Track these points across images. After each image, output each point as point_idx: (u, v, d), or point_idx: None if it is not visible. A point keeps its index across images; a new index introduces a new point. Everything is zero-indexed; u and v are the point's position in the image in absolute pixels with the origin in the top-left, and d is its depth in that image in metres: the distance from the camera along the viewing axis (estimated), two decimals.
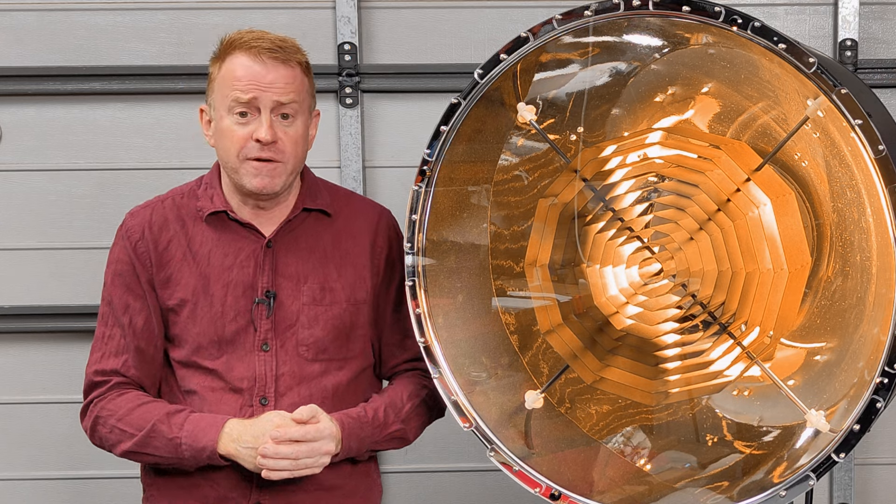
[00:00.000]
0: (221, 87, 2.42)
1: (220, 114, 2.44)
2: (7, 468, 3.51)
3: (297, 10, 3.38)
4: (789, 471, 2.29)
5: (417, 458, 3.51)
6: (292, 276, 2.51)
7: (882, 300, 2.23)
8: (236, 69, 2.40)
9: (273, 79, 2.41)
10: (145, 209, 2.55)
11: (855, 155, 2.21)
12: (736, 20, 2.19)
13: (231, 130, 2.42)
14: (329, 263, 2.54)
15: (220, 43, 2.47)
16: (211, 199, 2.51)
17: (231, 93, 2.40)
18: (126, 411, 2.44)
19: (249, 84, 2.39)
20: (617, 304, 2.56)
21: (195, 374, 2.49)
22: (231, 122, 2.42)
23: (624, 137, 2.57)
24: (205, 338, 2.48)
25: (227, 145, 2.43)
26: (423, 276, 2.51)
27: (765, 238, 2.42)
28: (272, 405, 2.47)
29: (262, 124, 2.40)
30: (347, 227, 2.57)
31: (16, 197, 3.43)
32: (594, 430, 2.61)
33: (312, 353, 2.51)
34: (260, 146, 2.41)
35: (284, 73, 2.42)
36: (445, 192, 2.53)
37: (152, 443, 2.41)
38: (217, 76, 2.44)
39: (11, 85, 3.38)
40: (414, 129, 3.38)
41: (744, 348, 2.45)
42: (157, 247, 2.50)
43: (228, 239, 2.50)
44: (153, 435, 2.41)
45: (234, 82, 2.40)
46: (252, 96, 2.40)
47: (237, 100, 2.40)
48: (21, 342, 3.47)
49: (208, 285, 2.48)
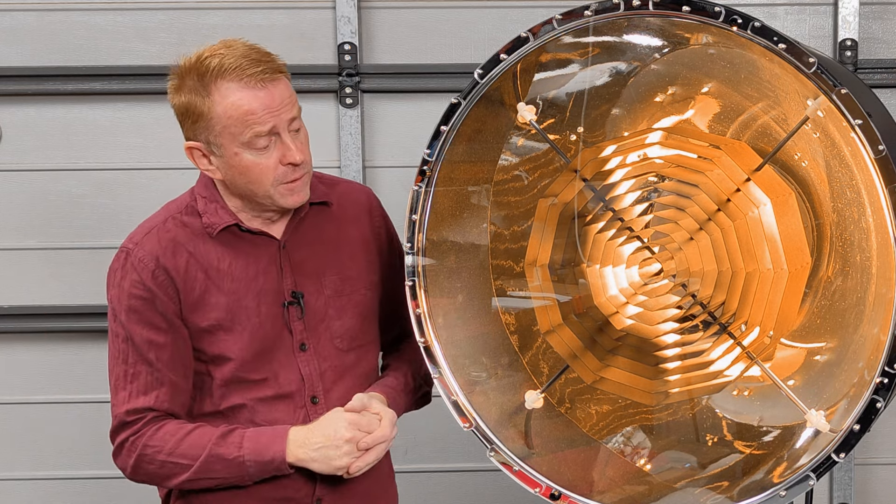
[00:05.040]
0: (229, 125, 2.29)
1: (231, 151, 2.31)
2: (7, 468, 3.51)
3: (297, 10, 3.38)
4: (789, 471, 2.29)
5: (417, 458, 3.51)
6: (312, 273, 2.49)
7: (882, 300, 2.23)
8: (242, 103, 2.27)
9: (279, 99, 2.31)
10: (149, 236, 2.41)
11: (855, 155, 2.21)
12: (736, 20, 2.19)
13: (256, 165, 2.32)
14: (341, 252, 2.53)
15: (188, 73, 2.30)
16: (216, 213, 2.42)
17: (248, 130, 2.28)
18: (174, 444, 2.38)
19: (265, 115, 2.28)
20: (617, 304, 2.56)
21: (241, 389, 2.45)
22: (252, 156, 2.31)
23: (624, 137, 2.57)
24: (248, 351, 2.43)
25: (253, 179, 2.34)
26: (423, 276, 2.51)
27: (765, 238, 2.42)
28: (322, 402, 2.47)
29: (289, 147, 2.32)
30: (344, 213, 2.56)
31: (16, 197, 3.43)
32: (594, 430, 2.61)
33: (346, 343, 2.51)
34: (293, 168, 2.34)
35: (282, 87, 2.33)
36: (445, 192, 2.53)
37: (212, 468, 2.37)
38: (213, 113, 2.29)
39: (11, 85, 3.38)
40: (414, 129, 3.38)
41: (744, 348, 2.45)
42: (178, 272, 2.39)
43: (244, 250, 2.44)
44: (211, 460, 2.36)
45: (247, 117, 2.27)
46: (272, 126, 2.29)
47: (258, 134, 2.28)
48: (21, 342, 3.47)
49: (240, 299, 2.43)
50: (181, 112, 2.34)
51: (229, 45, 2.32)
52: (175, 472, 2.38)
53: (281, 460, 2.36)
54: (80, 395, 3.48)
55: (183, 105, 2.32)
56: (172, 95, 2.35)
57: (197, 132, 2.33)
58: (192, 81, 2.30)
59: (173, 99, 2.35)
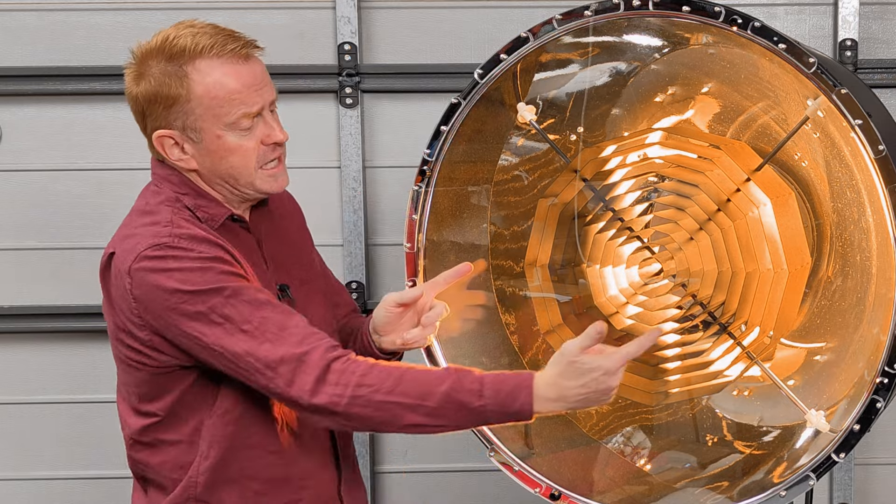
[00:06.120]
0: (212, 106, 2.15)
1: (212, 134, 2.17)
2: (7, 468, 3.51)
3: (297, 10, 3.38)
4: (789, 471, 2.30)
5: (417, 458, 3.51)
6: (283, 264, 2.37)
7: (882, 300, 2.23)
8: (227, 81, 2.14)
9: (259, 75, 2.19)
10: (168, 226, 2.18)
11: (855, 155, 2.21)
12: (736, 20, 2.20)
13: (240, 147, 2.19)
14: (294, 244, 2.41)
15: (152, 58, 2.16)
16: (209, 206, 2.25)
17: (234, 109, 2.15)
18: (392, 383, 2.11)
19: (251, 93, 2.16)
20: (617, 304, 2.56)
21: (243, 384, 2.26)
22: (236, 138, 2.18)
23: (624, 137, 2.58)
24: None
25: (237, 162, 2.20)
26: (423, 276, 2.52)
27: (765, 238, 2.42)
28: None
29: (272, 127, 2.21)
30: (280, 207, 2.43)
31: (16, 197, 3.43)
32: (594, 430, 2.61)
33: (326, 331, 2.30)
34: (273, 148, 2.23)
35: (260, 63, 2.21)
36: (445, 192, 2.53)
37: (446, 413, 2.13)
38: (191, 95, 2.14)
39: (11, 85, 3.38)
40: (414, 129, 3.38)
41: (744, 348, 2.45)
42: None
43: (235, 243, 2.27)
44: (448, 405, 2.12)
45: (234, 96, 2.15)
46: (261, 105, 2.18)
47: (246, 114, 2.16)
48: (21, 342, 3.47)
49: None
50: (148, 100, 2.16)
51: (191, 24, 2.19)
52: (400, 413, 2.12)
53: (528, 412, 2.13)
54: (80, 395, 3.47)
55: (150, 92, 2.16)
56: (133, 85, 2.18)
57: (170, 119, 2.16)
58: (159, 65, 2.15)
59: (135, 88, 2.18)
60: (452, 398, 2.11)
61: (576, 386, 2.10)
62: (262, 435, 2.24)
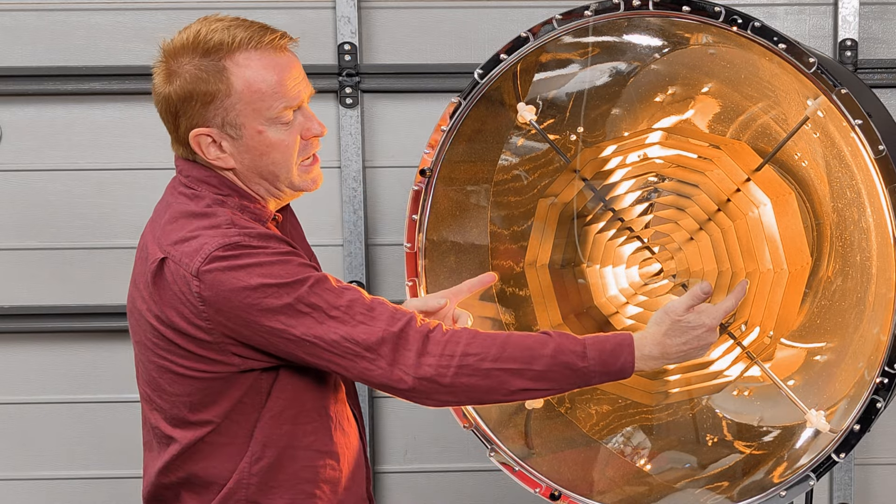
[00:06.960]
0: (254, 100, 2.08)
1: (253, 129, 2.10)
2: (7, 468, 3.51)
3: (297, 10, 3.38)
4: (789, 471, 2.30)
5: (417, 458, 3.51)
6: None
7: (882, 300, 2.23)
8: (267, 75, 2.09)
9: (298, 67, 2.14)
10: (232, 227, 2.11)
11: (855, 155, 2.21)
12: (736, 20, 2.20)
13: (281, 142, 2.12)
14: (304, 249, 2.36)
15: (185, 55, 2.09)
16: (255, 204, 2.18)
17: (276, 103, 2.09)
18: (497, 350, 2.09)
19: (294, 84, 2.11)
20: (617, 304, 2.57)
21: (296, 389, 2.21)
22: (277, 132, 2.12)
23: (624, 137, 2.58)
24: None
25: (279, 158, 2.13)
26: (424, 276, 2.51)
27: (765, 238, 2.42)
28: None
29: (311, 119, 2.15)
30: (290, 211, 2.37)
31: (16, 197, 3.43)
32: (594, 430, 2.61)
33: None
34: (310, 143, 2.17)
35: (295, 56, 2.15)
36: (445, 192, 2.54)
37: (553, 376, 2.12)
38: (232, 90, 2.08)
39: (11, 85, 3.38)
40: (414, 129, 3.38)
41: (744, 348, 2.45)
42: None
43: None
44: (556, 368, 2.11)
45: (275, 89, 2.09)
46: (299, 98, 2.12)
47: (287, 107, 2.11)
48: (21, 342, 3.47)
49: None
50: (182, 98, 2.10)
51: (218, 18, 2.13)
52: (508, 379, 2.09)
53: (630, 370, 2.15)
54: (80, 395, 3.47)
55: (185, 90, 2.09)
56: (164, 85, 2.12)
57: (208, 116, 2.10)
58: (193, 61, 2.09)
59: (167, 88, 2.12)
60: (558, 360, 2.11)
61: (679, 343, 2.16)
62: (317, 435, 2.20)
